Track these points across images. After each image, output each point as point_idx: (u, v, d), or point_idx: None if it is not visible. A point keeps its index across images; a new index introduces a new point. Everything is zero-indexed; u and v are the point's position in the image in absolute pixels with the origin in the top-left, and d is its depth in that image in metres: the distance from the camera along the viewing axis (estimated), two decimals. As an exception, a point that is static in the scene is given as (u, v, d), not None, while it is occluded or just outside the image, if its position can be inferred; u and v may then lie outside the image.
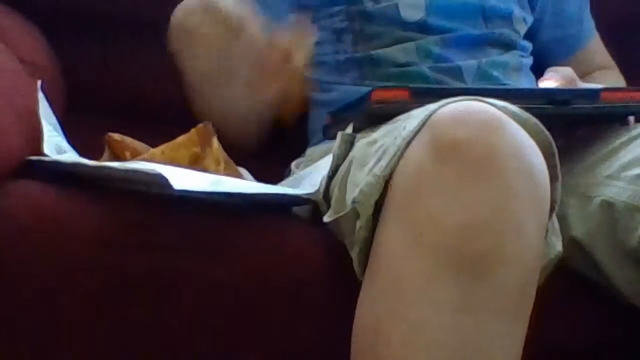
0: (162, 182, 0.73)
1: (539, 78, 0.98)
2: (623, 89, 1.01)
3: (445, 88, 0.99)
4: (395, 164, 0.73)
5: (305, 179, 0.90)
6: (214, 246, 0.82)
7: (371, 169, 0.75)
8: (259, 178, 0.94)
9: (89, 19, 1.23)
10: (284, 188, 0.90)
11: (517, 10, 1.16)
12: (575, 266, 0.88)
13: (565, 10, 1.26)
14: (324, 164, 0.88)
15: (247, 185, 0.83)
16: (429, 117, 0.72)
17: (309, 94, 0.91)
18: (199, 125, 0.85)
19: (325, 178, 0.86)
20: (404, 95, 0.83)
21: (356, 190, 0.76)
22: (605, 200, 0.86)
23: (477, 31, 1.12)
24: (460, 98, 0.73)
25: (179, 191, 0.73)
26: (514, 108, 0.74)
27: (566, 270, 0.84)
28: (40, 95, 0.93)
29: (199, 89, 1.00)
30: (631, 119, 0.98)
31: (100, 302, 0.79)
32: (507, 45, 1.14)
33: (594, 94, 0.89)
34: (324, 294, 0.83)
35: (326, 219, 0.83)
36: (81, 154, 0.91)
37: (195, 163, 0.84)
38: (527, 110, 0.75)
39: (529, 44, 1.18)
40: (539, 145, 0.72)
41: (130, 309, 0.80)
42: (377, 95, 0.83)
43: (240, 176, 0.91)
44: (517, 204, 0.69)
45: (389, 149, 0.74)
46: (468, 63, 1.09)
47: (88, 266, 0.79)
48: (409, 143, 0.72)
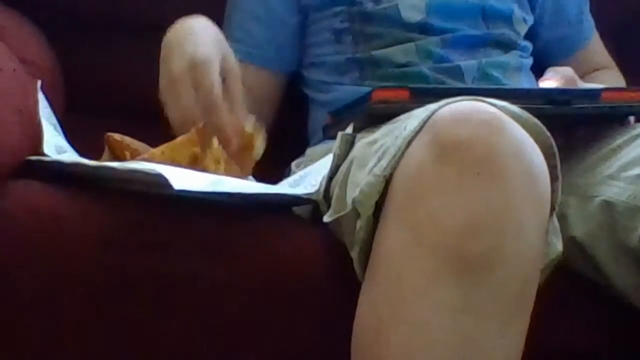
0: (162, 182, 0.73)
1: (539, 78, 0.98)
2: (623, 89, 1.01)
3: (446, 88, 0.99)
4: (396, 164, 0.73)
5: (305, 179, 0.90)
6: (214, 246, 0.82)
7: (371, 168, 0.75)
8: (259, 178, 0.94)
9: (89, 19, 1.23)
10: (284, 188, 0.90)
11: (517, 11, 1.16)
12: (575, 266, 0.88)
13: (565, 10, 1.26)
14: (324, 164, 0.88)
15: (247, 185, 0.83)
16: (429, 117, 0.72)
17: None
18: (199, 125, 0.85)
19: (326, 178, 0.86)
20: (404, 95, 0.83)
21: (356, 190, 0.76)
22: (605, 200, 0.86)
23: (478, 32, 1.12)
24: (460, 98, 0.73)
25: (179, 191, 0.73)
26: (514, 108, 0.74)
27: (566, 270, 0.84)
28: (40, 95, 0.93)
29: None
30: (631, 119, 0.98)
31: (100, 302, 0.79)
32: (507, 45, 1.14)
33: (594, 94, 0.89)
34: (324, 294, 0.83)
35: (326, 219, 0.83)
36: (81, 154, 0.91)
37: (195, 163, 0.83)
38: (527, 110, 0.75)
39: (529, 44, 1.18)
40: (539, 145, 0.72)
41: (130, 309, 0.80)
42: (378, 95, 0.83)
43: (240, 176, 0.90)
44: (518, 203, 0.69)
45: (389, 149, 0.74)
46: (468, 63, 1.09)
47: (88, 266, 0.79)
48: (410, 143, 0.72)
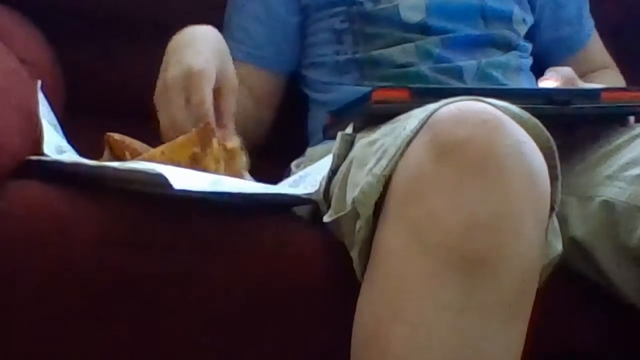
0: (162, 182, 0.73)
1: (539, 78, 0.98)
2: (623, 89, 1.01)
3: (445, 88, 0.99)
4: (396, 164, 0.73)
5: (305, 179, 0.90)
6: (214, 246, 0.82)
7: (371, 168, 0.75)
8: (259, 178, 0.94)
9: (89, 19, 1.23)
10: (284, 188, 0.90)
11: (517, 11, 1.16)
12: (575, 266, 0.88)
13: (565, 10, 1.26)
14: (323, 164, 0.88)
15: (247, 185, 0.83)
16: (429, 117, 0.72)
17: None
18: (199, 125, 0.85)
19: (325, 178, 0.86)
20: (404, 95, 0.83)
21: (356, 190, 0.76)
22: (605, 200, 0.86)
23: (477, 32, 1.12)
24: (460, 98, 0.73)
25: (179, 191, 0.73)
26: (514, 108, 0.74)
27: (566, 270, 0.84)
28: (41, 96, 0.93)
29: None
30: (631, 119, 0.98)
31: (100, 302, 0.79)
32: (507, 45, 1.14)
33: (594, 94, 0.89)
34: (324, 294, 0.83)
35: (326, 219, 0.83)
36: (81, 154, 0.91)
37: (195, 163, 0.83)
38: (527, 110, 0.75)
39: (529, 45, 1.18)
40: (539, 145, 0.72)
41: (130, 309, 0.80)
42: (377, 95, 0.83)
43: (240, 176, 0.90)
44: (517, 203, 0.69)
45: (389, 148, 0.74)
46: (468, 63, 1.09)
47: (88, 266, 0.78)
48: (409, 143, 0.72)
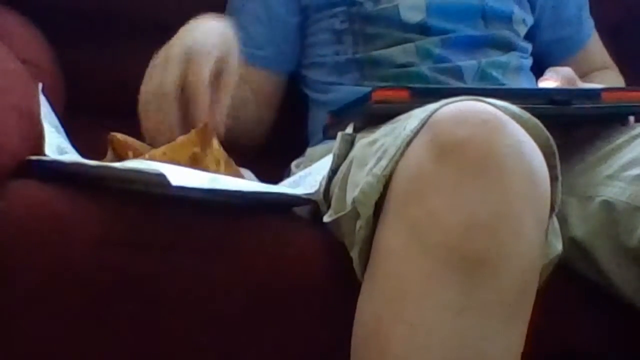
0: (163, 182, 0.73)
1: (539, 78, 0.98)
2: (623, 89, 1.01)
3: (445, 88, 0.99)
4: (396, 164, 0.73)
5: (305, 179, 0.90)
6: (214, 246, 0.82)
7: (371, 168, 0.75)
8: (259, 178, 0.94)
9: (89, 19, 1.23)
10: (284, 188, 0.90)
11: (517, 11, 1.16)
12: (575, 266, 0.88)
13: (565, 10, 1.26)
14: (323, 164, 0.88)
15: (247, 184, 0.83)
16: (429, 117, 0.72)
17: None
18: (199, 125, 0.85)
19: (325, 178, 0.86)
20: (404, 95, 0.83)
21: (356, 190, 0.76)
22: (605, 200, 0.86)
23: (477, 32, 1.12)
24: (460, 98, 0.73)
25: (177, 188, 0.73)
26: (514, 108, 0.74)
27: (566, 270, 0.84)
28: (42, 98, 0.93)
29: None
30: (631, 119, 0.98)
31: (100, 302, 0.79)
32: (507, 46, 1.14)
33: (594, 94, 0.89)
34: (324, 294, 0.83)
35: (326, 219, 0.83)
36: (81, 154, 0.91)
37: (196, 163, 0.83)
38: (527, 110, 0.75)
39: (528, 45, 1.18)
40: (539, 145, 0.72)
41: (130, 309, 0.80)
42: (378, 95, 0.83)
43: (240, 176, 0.90)
44: (517, 204, 0.69)
45: (389, 148, 0.74)
46: (468, 64, 1.09)
47: (88, 266, 0.78)
48: (410, 143, 0.72)
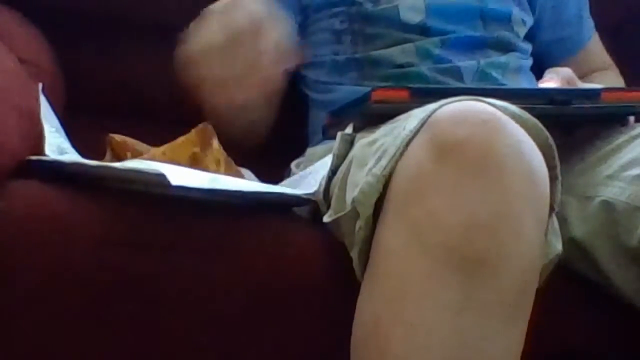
0: (163, 182, 0.73)
1: (539, 78, 0.98)
2: (623, 89, 1.01)
3: (445, 88, 0.99)
4: (395, 164, 0.73)
5: (305, 179, 0.90)
6: (214, 246, 0.82)
7: (371, 168, 0.75)
8: (259, 178, 0.94)
9: (89, 19, 1.23)
10: (284, 188, 0.90)
11: (516, 12, 1.16)
12: (575, 266, 0.88)
13: (564, 11, 1.26)
14: (323, 164, 0.88)
15: (247, 184, 0.83)
16: (428, 117, 0.72)
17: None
18: (199, 125, 0.85)
19: (325, 178, 0.86)
20: (403, 95, 0.83)
21: (356, 190, 0.76)
22: (605, 200, 0.86)
23: (476, 33, 1.12)
24: (460, 98, 0.73)
25: (177, 187, 0.73)
26: (514, 108, 0.74)
27: (566, 270, 0.84)
28: (42, 98, 0.93)
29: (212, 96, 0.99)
30: (631, 119, 0.98)
31: (100, 302, 0.79)
32: (506, 46, 1.14)
33: (594, 94, 0.89)
34: (324, 294, 0.83)
35: (326, 219, 0.83)
36: (81, 154, 0.91)
37: (196, 163, 0.84)
38: (527, 110, 0.75)
39: (528, 46, 1.18)
40: (538, 145, 0.72)
41: (130, 309, 0.80)
42: (377, 95, 0.83)
43: (240, 176, 0.91)
44: (517, 203, 0.69)
45: (389, 148, 0.74)
46: (467, 64, 1.09)
47: (88, 266, 0.79)
48: (409, 143, 0.72)
